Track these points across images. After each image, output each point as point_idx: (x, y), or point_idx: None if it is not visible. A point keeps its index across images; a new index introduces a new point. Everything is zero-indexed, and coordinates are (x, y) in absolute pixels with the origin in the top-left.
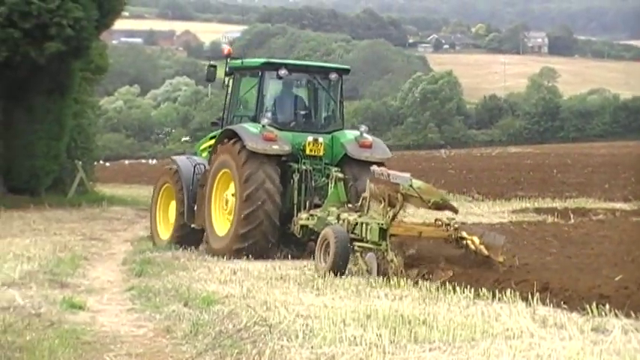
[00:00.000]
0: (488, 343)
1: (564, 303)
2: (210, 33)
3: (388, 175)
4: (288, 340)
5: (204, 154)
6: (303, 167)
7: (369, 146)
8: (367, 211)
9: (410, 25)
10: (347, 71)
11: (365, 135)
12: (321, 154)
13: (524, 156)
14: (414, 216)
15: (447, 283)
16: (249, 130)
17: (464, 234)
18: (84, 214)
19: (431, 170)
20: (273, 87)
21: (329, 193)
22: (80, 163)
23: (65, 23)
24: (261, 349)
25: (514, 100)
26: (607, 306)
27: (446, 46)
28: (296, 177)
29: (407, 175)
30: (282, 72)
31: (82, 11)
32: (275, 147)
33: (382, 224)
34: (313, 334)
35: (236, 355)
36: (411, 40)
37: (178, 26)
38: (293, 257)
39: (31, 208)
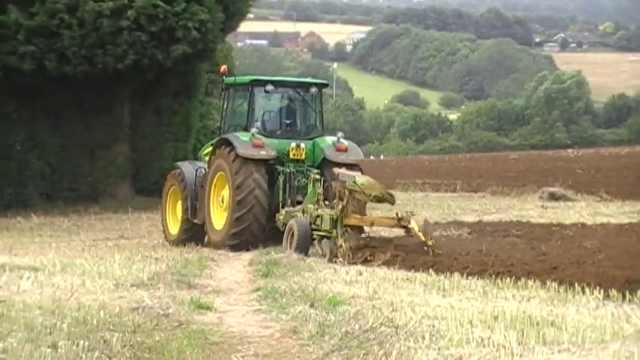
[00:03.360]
0: (619, 344)
1: None
2: (335, 34)
3: (338, 174)
4: (414, 342)
5: (206, 158)
6: (287, 170)
7: (345, 150)
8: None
9: (536, 24)
10: (325, 85)
11: (341, 140)
12: (303, 157)
13: None
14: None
15: (576, 284)
16: (240, 138)
17: (411, 223)
18: None
19: (558, 170)
20: (261, 100)
21: (308, 192)
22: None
23: (191, 26)
24: (388, 350)
25: None
26: None
27: (573, 45)
28: (281, 178)
29: (352, 173)
30: (269, 87)
31: (208, 14)
32: (262, 152)
33: (333, 215)
34: (440, 336)
35: (363, 356)
36: (537, 40)
37: (303, 27)
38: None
39: (158, 209)
